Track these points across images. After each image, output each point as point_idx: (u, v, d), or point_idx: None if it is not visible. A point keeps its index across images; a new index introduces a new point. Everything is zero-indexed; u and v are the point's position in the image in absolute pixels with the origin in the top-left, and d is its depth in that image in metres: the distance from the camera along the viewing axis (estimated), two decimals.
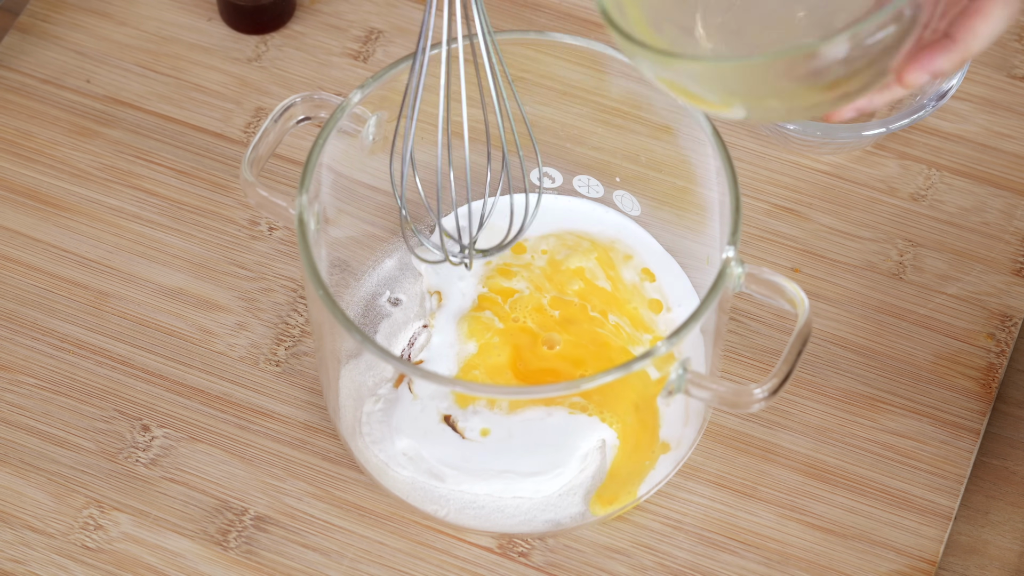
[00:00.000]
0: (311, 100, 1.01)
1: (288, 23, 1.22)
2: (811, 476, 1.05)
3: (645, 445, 1.01)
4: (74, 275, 1.12)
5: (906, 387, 1.08)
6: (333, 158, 1.00)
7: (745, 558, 1.03)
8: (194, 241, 1.13)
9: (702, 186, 1.01)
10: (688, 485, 1.05)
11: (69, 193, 1.15)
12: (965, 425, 1.07)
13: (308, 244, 0.95)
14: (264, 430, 1.07)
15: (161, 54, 1.20)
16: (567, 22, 1.21)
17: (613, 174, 1.08)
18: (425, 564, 1.03)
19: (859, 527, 1.04)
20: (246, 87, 1.19)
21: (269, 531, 1.04)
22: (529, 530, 1.02)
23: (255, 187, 0.99)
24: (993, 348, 1.09)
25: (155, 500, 1.05)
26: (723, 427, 1.06)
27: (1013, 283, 1.11)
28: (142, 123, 1.18)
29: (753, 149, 1.16)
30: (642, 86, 1.00)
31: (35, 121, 1.18)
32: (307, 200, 0.96)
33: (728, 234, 0.95)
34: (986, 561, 1.04)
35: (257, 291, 1.11)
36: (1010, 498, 1.06)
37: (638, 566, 1.02)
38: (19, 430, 1.07)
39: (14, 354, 1.09)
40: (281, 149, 1.15)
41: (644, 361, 0.91)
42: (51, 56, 1.20)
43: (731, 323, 1.09)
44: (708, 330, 0.96)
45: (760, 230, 1.13)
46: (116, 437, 1.06)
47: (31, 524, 1.04)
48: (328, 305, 0.93)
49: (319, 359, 1.01)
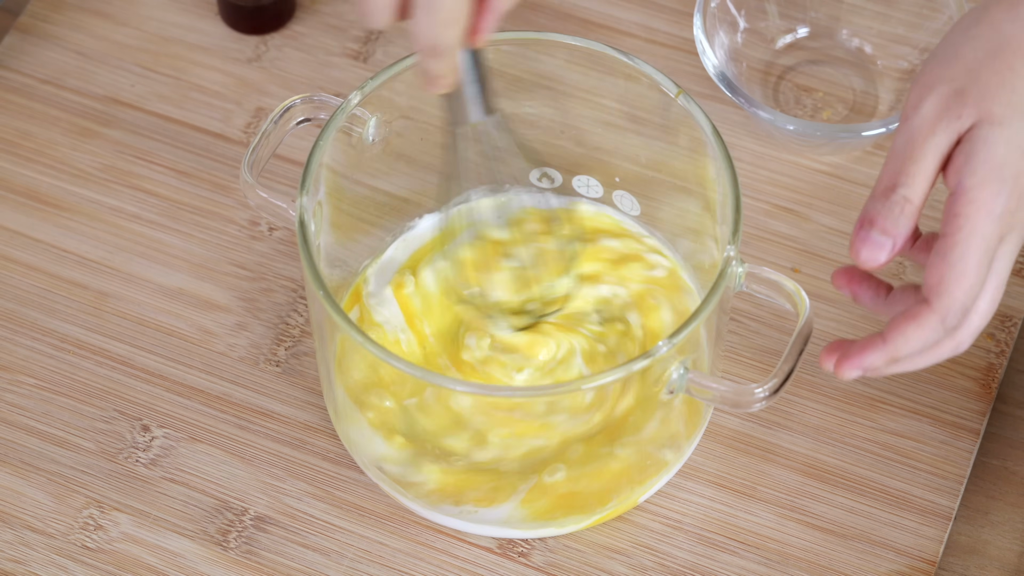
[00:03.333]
0: (311, 102, 1.01)
1: (288, 23, 1.22)
2: (811, 476, 1.05)
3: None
4: (74, 275, 1.12)
5: (906, 387, 1.08)
6: (333, 159, 1.00)
7: (745, 558, 1.03)
8: (194, 241, 1.13)
9: (702, 186, 1.01)
10: (688, 485, 1.05)
11: (69, 193, 1.15)
12: (965, 425, 1.07)
13: (309, 245, 0.95)
14: (264, 430, 1.07)
15: (161, 54, 1.20)
16: (567, 22, 1.21)
17: (613, 174, 1.08)
18: (425, 564, 1.03)
19: (859, 527, 1.04)
20: (246, 87, 1.19)
21: (269, 531, 1.04)
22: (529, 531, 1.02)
23: (255, 189, 0.99)
24: (993, 348, 1.09)
25: (155, 500, 1.05)
26: (723, 427, 1.06)
27: (1013, 283, 1.11)
28: (142, 123, 1.18)
29: (753, 149, 1.16)
30: (642, 86, 1.01)
31: (35, 121, 1.18)
32: (307, 202, 0.96)
33: (728, 234, 0.95)
34: (986, 561, 1.04)
35: (257, 291, 1.11)
36: (1010, 498, 1.06)
37: (638, 566, 1.02)
38: (19, 430, 1.07)
39: (14, 354, 1.09)
40: (281, 149, 1.15)
41: (645, 361, 0.91)
42: (51, 56, 1.20)
43: (731, 323, 1.09)
44: (709, 330, 0.96)
45: (760, 230, 1.13)
46: (116, 437, 1.06)
47: (31, 524, 1.04)
48: (329, 305, 0.93)
49: (319, 359, 1.01)
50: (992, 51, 0.87)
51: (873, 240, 0.86)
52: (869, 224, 0.86)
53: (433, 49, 0.88)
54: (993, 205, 0.85)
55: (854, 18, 1.19)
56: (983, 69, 0.86)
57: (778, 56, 1.19)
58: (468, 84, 0.93)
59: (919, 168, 0.85)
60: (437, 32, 0.87)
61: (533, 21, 1.21)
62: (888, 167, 0.86)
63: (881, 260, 0.86)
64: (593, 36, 1.06)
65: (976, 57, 0.87)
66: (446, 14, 0.86)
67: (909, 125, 0.87)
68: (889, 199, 0.85)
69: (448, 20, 0.86)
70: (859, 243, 0.86)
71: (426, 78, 0.90)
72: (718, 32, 1.15)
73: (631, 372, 0.91)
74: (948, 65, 0.87)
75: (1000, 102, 0.85)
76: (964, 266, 0.85)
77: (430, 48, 0.87)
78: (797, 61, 1.19)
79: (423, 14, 0.86)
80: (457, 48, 0.88)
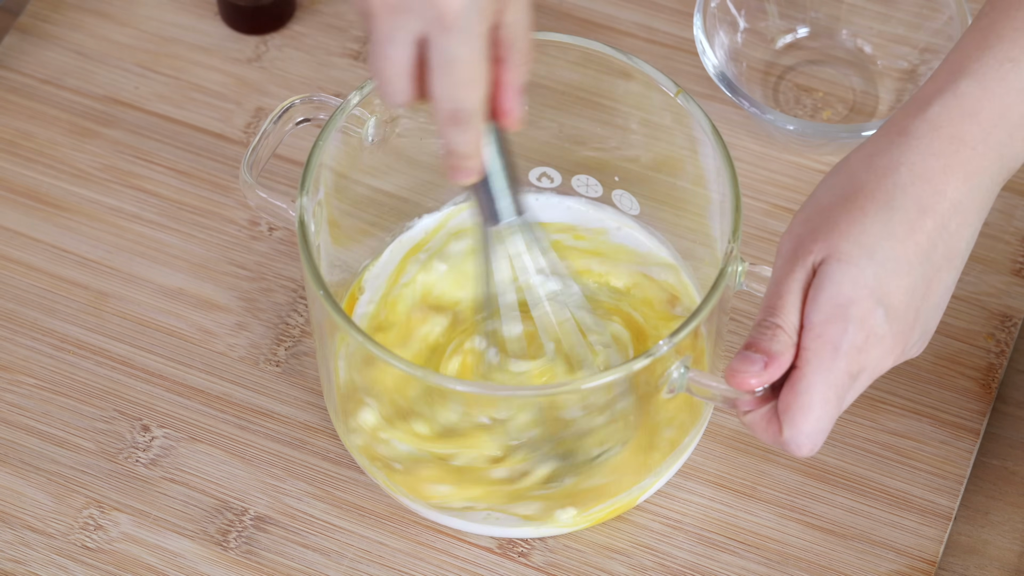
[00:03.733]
0: (310, 102, 1.01)
1: (288, 23, 1.22)
2: (811, 476, 1.05)
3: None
4: (74, 275, 1.12)
5: (906, 387, 1.08)
6: (334, 159, 1.00)
7: (745, 558, 1.03)
8: (194, 241, 1.13)
9: (702, 186, 1.01)
10: (688, 485, 1.05)
11: (69, 193, 1.15)
12: (965, 425, 1.07)
13: (309, 246, 0.95)
14: (264, 430, 1.07)
15: (161, 54, 1.20)
16: (567, 22, 1.21)
17: (613, 174, 1.08)
18: (425, 564, 1.03)
19: (859, 527, 1.04)
20: (246, 87, 1.19)
21: (269, 531, 1.04)
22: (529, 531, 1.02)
23: (254, 189, 0.99)
24: (993, 348, 1.09)
25: (155, 500, 1.05)
26: (723, 427, 1.06)
27: (1013, 283, 1.11)
28: (142, 123, 1.18)
29: (753, 149, 1.16)
30: (642, 86, 1.01)
31: (35, 121, 1.18)
32: (307, 202, 0.96)
33: (729, 232, 0.95)
34: (986, 561, 1.04)
35: (257, 291, 1.11)
36: (1010, 498, 1.06)
37: (638, 566, 1.02)
38: (19, 430, 1.07)
39: (14, 354, 1.09)
40: (281, 149, 1.15)
41: (645, 360, 0.91)
42: (51, 56, 1.20)
43: (731, 323, 1.09)
44: (709, 329, 0.96)
45: (760, 230, 1.13)
46: (116, 437, 1.06)
47: (31, 524, 1.04)
48: (329, 304, 0.93)
49: (320, 359, 1.01)
50: (846, 195, 0.90)
51: (747, 356, 0.89)
52: (746, 346, 0.89)
53: (455, 115, 0.86)
54: (839, 341, 0.87)
55: (854, 18, 1.19)
56: (835, 209, 0.90)
57: (778, 56, 1.19)
58: (495, 175, 0.91)
59: (785, 302, 0.89)
60: (458, 94, 0.85)
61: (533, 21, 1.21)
62: (764, 302, 0.90)
63: (751, 372, 0.89)
64: (593, 36, 1.06)
65: (831, 200, 0.90)
66: (464, 73, 0.84)
67: (774, 266, 0.91)
68: (763, 326, 0.89)
69: (467, 79, 0.85)
70: (735, 362, 0.90)
71: (452, 159, 0.88)
72: (718, 32, 1.15)
73: (631, 372, 0.91)
74: (807, 209, 0.91)
75: (849, 240, 0.88)
76: (809, 399, 0.88)
77: (452, 114, 0.86)
78: (797, 61, 1.19)
79: (440, 75, 0.84)
80: (480, 115, 0.86)
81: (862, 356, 0.88)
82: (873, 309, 0.88)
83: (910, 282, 0.88)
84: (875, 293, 0.88)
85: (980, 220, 0.91)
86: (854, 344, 0.88)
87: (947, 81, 0.91)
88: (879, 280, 0.88)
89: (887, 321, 0.88)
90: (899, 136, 0.91)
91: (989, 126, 0.90)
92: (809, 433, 0.88)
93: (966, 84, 0.91)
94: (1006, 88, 0.90)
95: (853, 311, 0.87)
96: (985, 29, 0.92)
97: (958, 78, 0.91)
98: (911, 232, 0.88)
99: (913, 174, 0.89)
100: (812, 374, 0.88)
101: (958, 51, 0.92)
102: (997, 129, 0.90)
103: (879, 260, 0.88)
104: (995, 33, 0.92)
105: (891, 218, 0.89)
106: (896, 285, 0.88)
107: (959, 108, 0.90)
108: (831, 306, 0.88)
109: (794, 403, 0.88)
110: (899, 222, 0.88)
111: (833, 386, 0.88)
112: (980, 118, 0.90)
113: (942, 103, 0.90)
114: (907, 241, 0.88)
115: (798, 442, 0.89)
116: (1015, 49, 0.91)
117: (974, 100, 0.90)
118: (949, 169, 0.89)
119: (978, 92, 0.90)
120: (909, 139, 0.90)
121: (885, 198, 0.89)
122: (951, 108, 0.90)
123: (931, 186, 0.89)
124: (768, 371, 0.89)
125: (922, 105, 0.91)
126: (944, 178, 0.89)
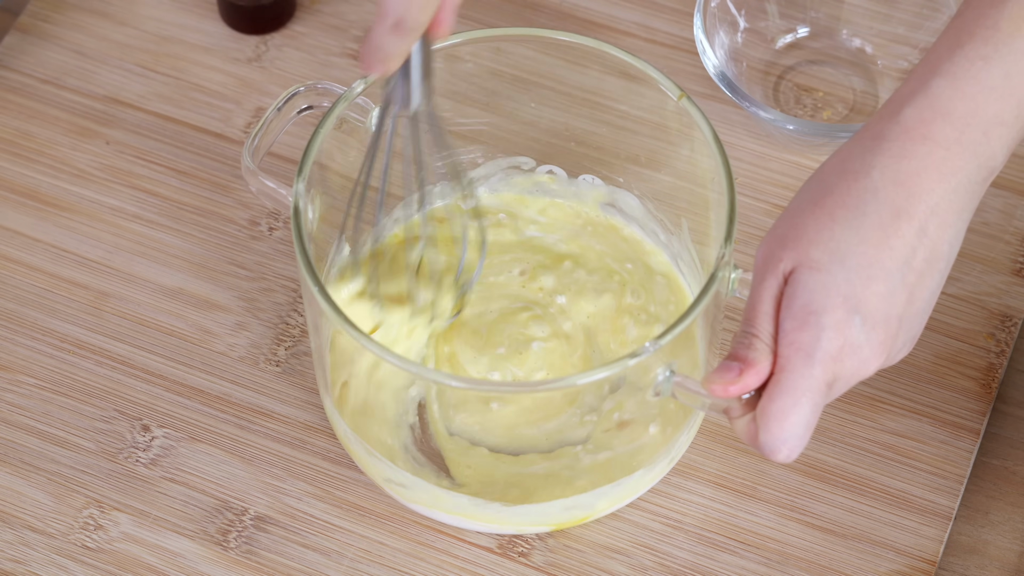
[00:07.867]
0: (314, 89, 1.01)
1: (288, 23, 1.22)
2: (811, 476, 1.05)
3: None
4: (74, 275, 1.12)
5: (906, 387, 1.08)
6: (332, 159, 1.00)
7: (745, 558, 1.03)
8: (194, 241, 1.13)
9: (702, 186, 1.01)
10: (688, 485, 1.05)
11: (69, 193, 1.15)
12: (965, 425, 1.07)
13: (302, 232, 0.94)
14: (264, 430, 1.07)
15: (161, 54, 1.20)
16: (567, 22, 1.21)
17: (614, 174, 1.08)
18: (425, 564, 1.03)
19: (859, 527, 1.04)
20: (246, 87, 1.19)
21: (269, 531, 1.04)
22: (529, 530, 1.02)
23: (256, 175, 0.99)
24: (993, 348, 1.09)
25: (155, 500, 1.05)
26: (723, 427, 1.06)
27: (1013, 283, 1.11)
28: (142, 123, 1.18)
29: (753, 149, 1.16)
30: (643, 86, 1.01)
31: (35, 121, 1.18)
32: (304, 187, 0.96)
33: (723, 238, 0.94)
34: (986, 561, 1.04)
35: (257, 291, 1.11)
36: (1010, 498, 1.06)
37: (638, 566, 1.03)
38: (19, 430, 1.07)
39: (14, 354, 1.09)
40: (282, 148, 1.15)
41: (631, 362, 0.91)
42: (51, 56, 1.20)
43: (730, 323, 1.09)
44: (702, 333, 0.96)
45: (760, 230, 1.13)
46: (116, 437, 1.06)
47: (31, 524, 1.04)
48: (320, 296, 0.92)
49: (314, 352, 1.01)
50: (815, 200, 0.89)
51: (724, 364, 0.89)
52: (727, 356, 0.90)
53: (399, 24, 0.88)
54: (812, 349, 0.87)
55: (854, 18, 1.19)
56: (805, 216, 0.89)
57: (778, 56, 1.19)
58: (414, 69, 0.93)
59: (758, 312, 0.89)
60: (410, 9, 0.88)
61: (533, 21, 1.21)
62: (743, 314, 0.90)
63: (727, 379, 0.89)
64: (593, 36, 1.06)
65: (800, 207, 0.90)
66: None
67: (752, 276, 0.91)
68: (740, 335, 0.89)
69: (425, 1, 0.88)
70: (713, 370, 0.90)
71: (376, 55, 0.90)
72: (718, 32, 1.15)
73: (616, 372, 0.91)
74: (781, 218, 0.91)
75: (818, 247, 0.88)
76: (782, 404, 0.88)
77: (396, 22, 0.88)
78: (797, 61, 1.19)
79: None
80: (420, 31, 0.89)
81: (837, 365, 0.87)
82: (848, 317, 0.87)
83: (887, 288, 0.88)
84: (849, 300, 0.87)
85: (963, 221, 0.90)
86: (828, 352, 0.87)
87: (920, 83, 0.90)
88: (852, 287, 0.87)
89: (864, 329, 0.87)
90: (872, 140, 0.90)
91: (962, 125, 0.89)
92: (784, 439, 0.88)
93: (938, 84, 0.90)
94: (978, 86, 0.89)
95: (826, 319, 0.87)
96: (958, 29, 0.91)
97: (930, 79, 0.90)
98: (885, 237, 0.88)
99: (886, 178, 0.88)
100: (785, 380, 0.87)
101: (932, 53, 0.92)
102: (971, 128, 0.89)
103: (851, 266, 0.87)
104: (967, 32, 0.91)
105: (863, 223, 0.88)
106: (872, 292, 0.87)
107: (931, 109, 0.89)
108: (804, 313, 0.87)
109: (768, 408, 0.88)
110: (872, 227, 0.88)
111: (807, 392, 0.87)
112: (953, 118, 0.89)
113: (914, 104, 0.90)
114: (881, 246, 0.87)
115: (773, 447, 0.88)
116: (987, 47, 0.90)
117: (946, 100, 0.89)
118: (924, 171, 0.88)
119: (950, 91, 0.89)
120: (881, 142, 0.89)
121: (856, 203, 0.88)
122: (923, 109, 0.89)
123: (905, 189, 0.88)
124: (743, 378, 0.88)
125: (895, 108, 0.90)
126: (918, 180, 0.88)
